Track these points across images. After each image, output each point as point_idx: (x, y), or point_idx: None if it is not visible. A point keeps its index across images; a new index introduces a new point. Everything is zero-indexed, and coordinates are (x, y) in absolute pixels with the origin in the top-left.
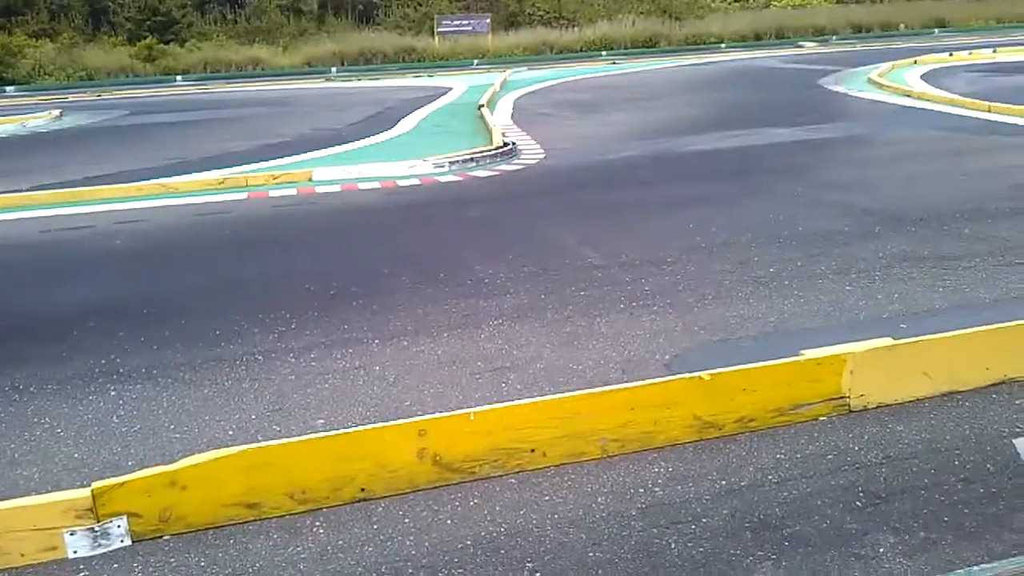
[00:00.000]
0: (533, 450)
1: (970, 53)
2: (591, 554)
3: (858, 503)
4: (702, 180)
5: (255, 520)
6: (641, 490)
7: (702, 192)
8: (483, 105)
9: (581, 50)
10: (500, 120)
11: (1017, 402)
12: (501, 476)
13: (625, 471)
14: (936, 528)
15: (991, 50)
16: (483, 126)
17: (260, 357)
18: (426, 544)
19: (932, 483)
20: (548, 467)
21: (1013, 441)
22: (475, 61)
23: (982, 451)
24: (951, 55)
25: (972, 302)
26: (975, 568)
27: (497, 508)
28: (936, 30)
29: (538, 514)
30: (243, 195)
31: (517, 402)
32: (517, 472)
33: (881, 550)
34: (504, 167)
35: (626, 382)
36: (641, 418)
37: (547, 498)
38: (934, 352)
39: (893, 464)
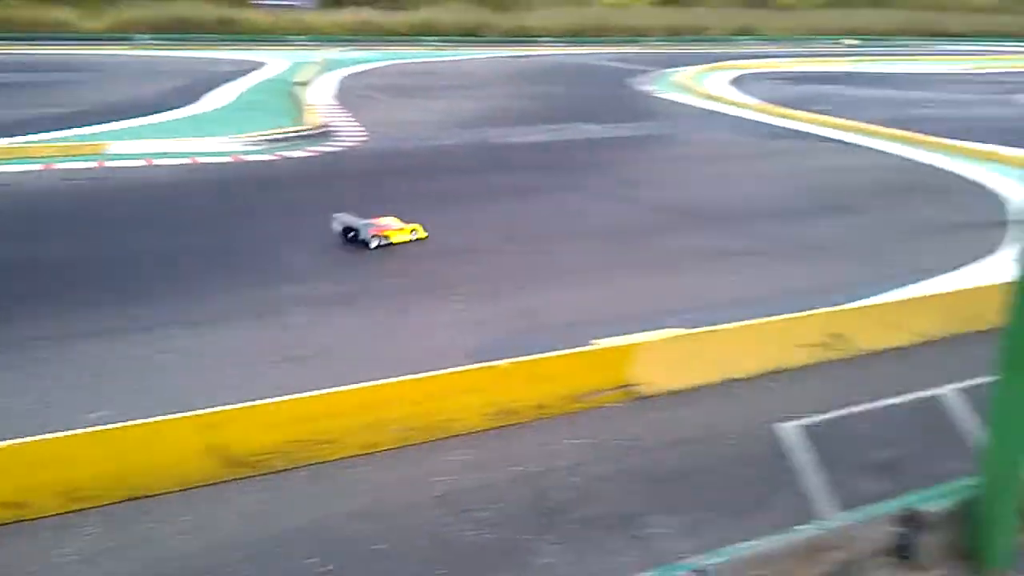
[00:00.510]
0: (328, 441)
1: (771, 61)
2: (382, 545)
3: (640, 486)
4: (518, 171)
5: (22, 520)
6: (437, 479)
7: (517, 183)
8: (302, 83)
9: (406, 34)
10: (319, 100)
11: (784, 389)
12: (294, 469)
13: (422, 460)
14: (708, 509)
15: (789, 59)
16: (301, 105)
17: (47, 343)
18: (206, 543)
19: (707, 466)
20: (343, 458)
21: (778, 426)
22: (297, 37)
23: (752, 435)
24: (754, 62)
25: (754, 296)
26: (739, 545)
27: (287, 502)
28: (743, 37)
29: (330, 507)
30: (31, 167)
31: (313, 392)
32: (310, 464)
33: (658, 531)
34: (320, 148)
35: (429, 371)
36: (441, 407)
37: (340, 490)
38: (715, 342)
39: (674, 448)
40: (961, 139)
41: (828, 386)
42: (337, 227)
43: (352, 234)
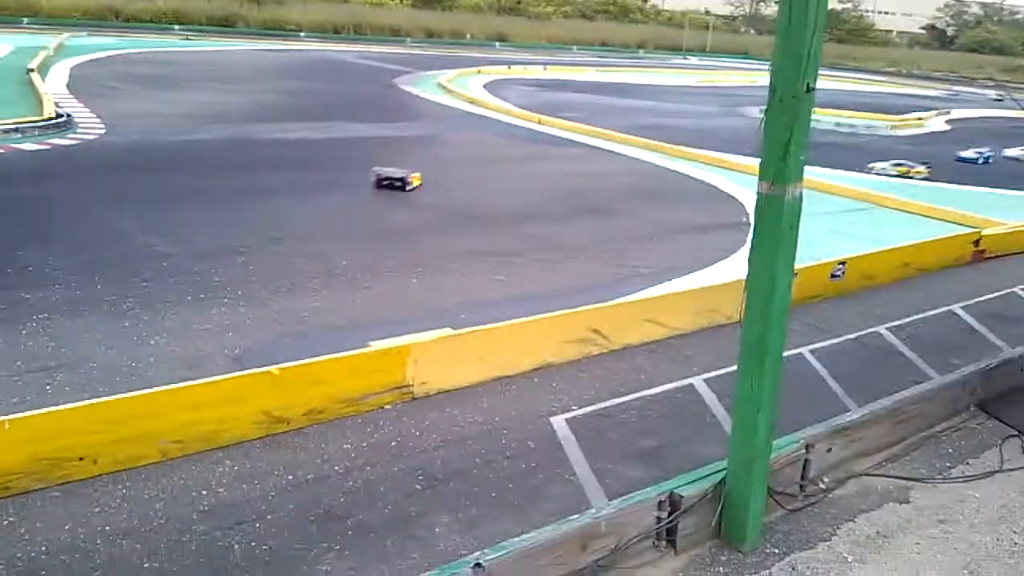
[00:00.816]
0: (82, 458)
1: (525, 68)
2: (146, 564)
3: (418, 487)
4: (280, 170)
5: None
6: (204, 492)
7: (280, 182)
8: (33, 70)
9: (152, 21)
10: (54, 88)
11: (554, 384)
12: (43, 489)
13: (187, 474)
14: (485, 504)
15: (543, 67)
16: (33, 93)
17: None
18: None
19: (483, 462)
20: (100, 475)
21: (550, 419)
22: (25, 19)
23: (526, 430)
24: (510, 68)
25: (522, 295)
26: (515, 539)
27: (37, 525)
28: (498, 43)
29: (87, 528)
30: None
31: (63, 406)
32: (63, 483)
33: (437, 530)
34: (57, 141)
35: (191, 379)
36: (206, 417)
37: (98, 510)
38: (488, 340)
39: (450, 447)
40: (699, 148)
41: (595, 379)
42: None
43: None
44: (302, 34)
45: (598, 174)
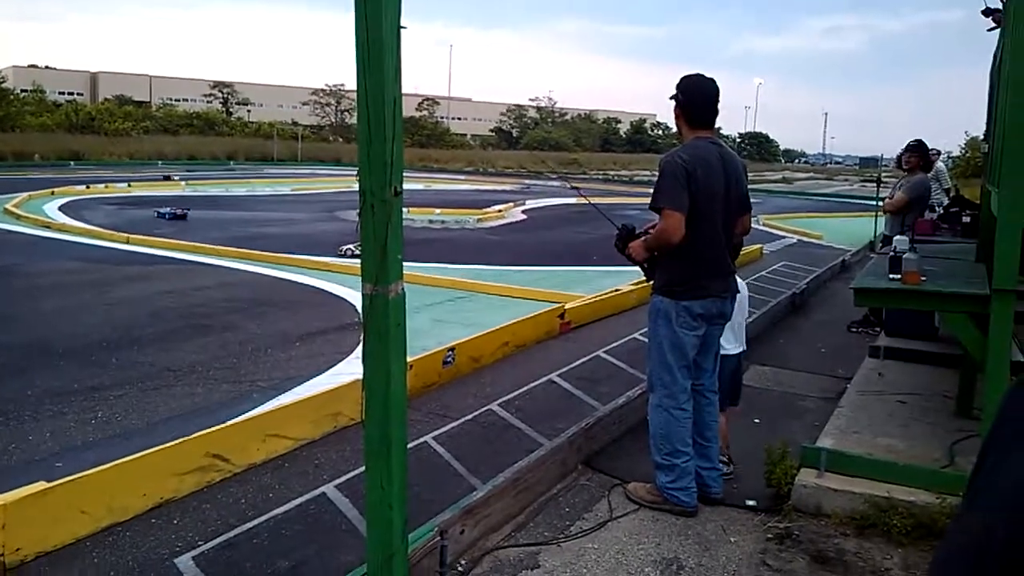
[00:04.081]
0: None
1: (106, 186)
2: None
3: None
4: None
5: None
6: None
7: None
8: None
9: None
10: None
11: (176, 521)
12: None
13: None
14: None
15: (126, 184)
16: None
17: None
18: None
19: None
20: None
21: (175, 561)
22: None
23: None
24: (88, 187)
25: (127, 430)
26: None
27: None
28: (72, 162)
29: None
30: None
31: None
32: None
33: None
34: None
35: None
36: None
37: None
38: (91, 488)
39: None
40: (303, 254)
41: (221, 508)
42: None
43: None
44: None
45: (201, 289)
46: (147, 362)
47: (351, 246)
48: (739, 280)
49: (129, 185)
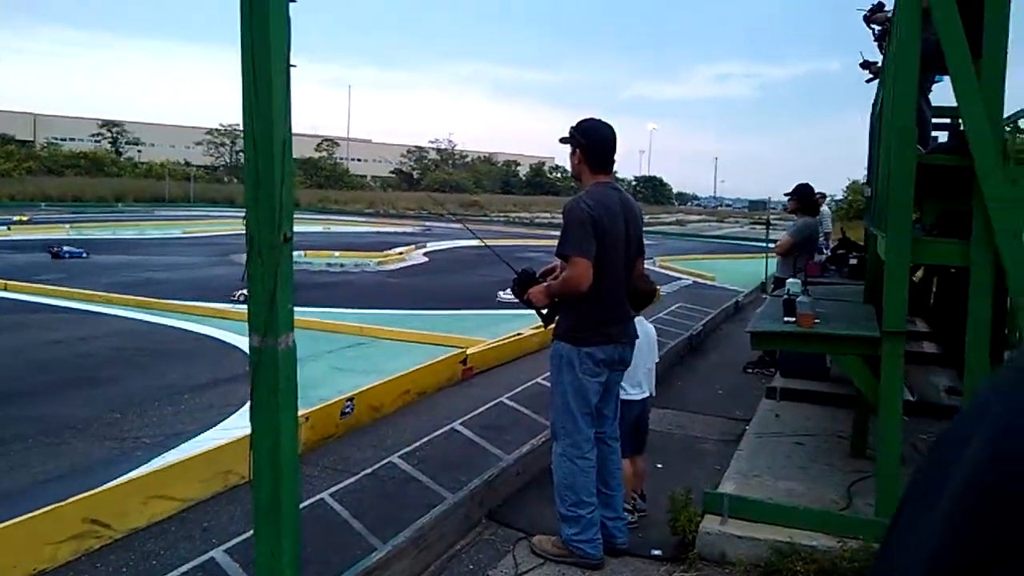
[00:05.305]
0: None
1: None
2: None
3: None
4: None
5: None
6: None
7: None
8: None
9: None
10: None
11: None
12: None
13: None
14: None
15: (6, 227)
16: None
17: None
18: None
19: None
20: None
21: None
22: None
23: None
24: None
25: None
26: None
27: None
28: None
29: None
30: None
31: None
32: None
33: None
34: None
35: None
36: None
37: None
38: None
39: None
40: (195, 300)
41: None
42: None
43: None
44: None
45: (85, 339)
46: (24, 417)
47: (245, 291)
48: (647, 323)
49: (9, 228)
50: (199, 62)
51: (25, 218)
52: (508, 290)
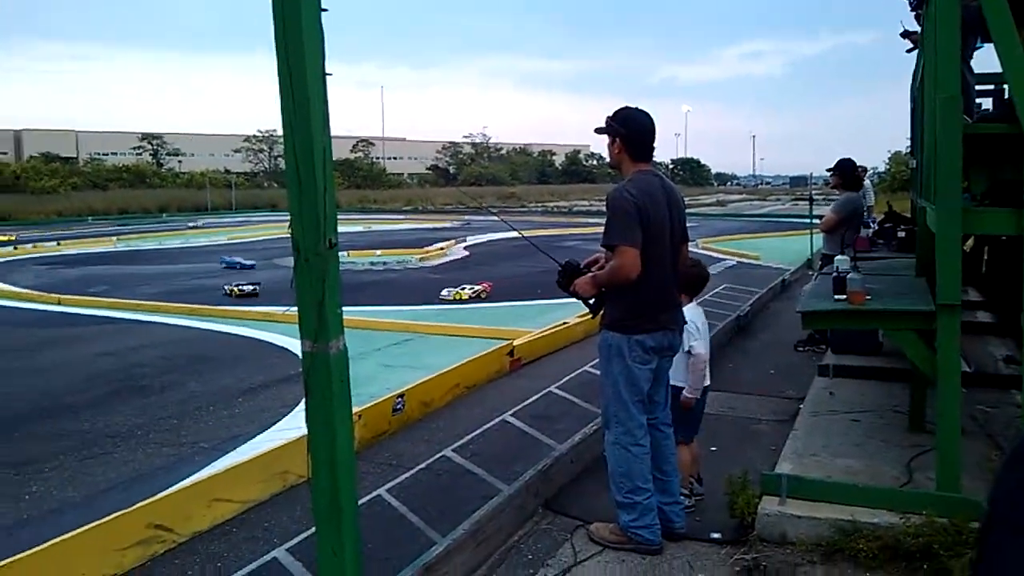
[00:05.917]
0: None
1: (35, 246)
2: None
3: None
4: None
5: None
6: None
7: None
8: None
9: None
10: None
11: None
12: None
13: None
14: None
15: (56, 243)
16: None
17: None
18: None
19: None
20: None
21: None
22: None
23: None
24: (16, 248)
25: (63, 504)
26: None
27: None
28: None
29: None
30: None
31: None
32: None
33: None
34: None
35: None
36: None
37: None
38: (24, 573)
39: None
40: (241, 305)
41: None
42: None
43: None
44: None
45: (136, 348)
46: (83, 429)
47: (237, 286)
48: (698, 309)
49: (59, 244)
50: (234, 70)
51: (13, 237)
52: (469, 287)
